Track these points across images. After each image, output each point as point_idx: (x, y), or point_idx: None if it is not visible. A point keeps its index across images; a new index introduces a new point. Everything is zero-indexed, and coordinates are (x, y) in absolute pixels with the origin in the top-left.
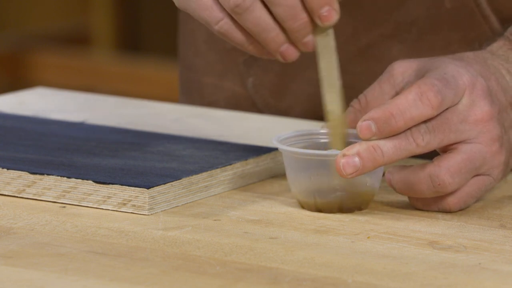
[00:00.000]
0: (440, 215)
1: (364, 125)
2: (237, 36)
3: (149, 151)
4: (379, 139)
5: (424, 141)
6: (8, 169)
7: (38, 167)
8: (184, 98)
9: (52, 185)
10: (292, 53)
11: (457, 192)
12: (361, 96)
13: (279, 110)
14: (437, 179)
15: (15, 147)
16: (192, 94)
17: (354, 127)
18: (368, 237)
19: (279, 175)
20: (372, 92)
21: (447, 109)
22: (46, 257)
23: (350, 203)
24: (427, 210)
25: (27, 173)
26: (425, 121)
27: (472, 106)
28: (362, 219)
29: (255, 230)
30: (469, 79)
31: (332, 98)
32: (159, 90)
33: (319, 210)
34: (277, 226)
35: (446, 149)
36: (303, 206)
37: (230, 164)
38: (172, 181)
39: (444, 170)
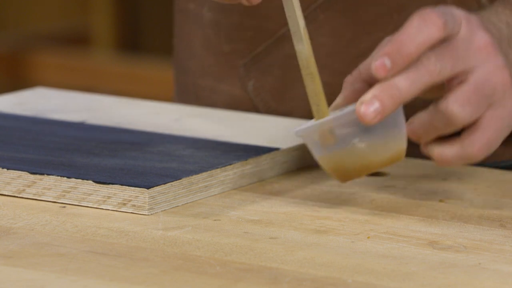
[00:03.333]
0: (440, 215)
1: (378, 63)
2: None
3: (149, 151)
4: (395, 75)
5: (436, 68)
6: (8, 169)
7: (38, 167)
8: (179, 101)
9: (52, 185)
10: None
11: (475, 140)
12: (354, 71)
13: (280, 113)
14: (447, 112)
15: (15, 147)
16: (188, 98)
17: (354, 100)
18: (368, 237)
19: (279, 175)
20: (364, 64)
21: (450, 38)
22: (46, 257)
23: (382, 158)
24: (453, 167)
25: (27, 173)
26: (433, 50)
27: (472, 35)
28: (362, 219)
29: (255, 230)
30: (463, 13)
31: (297, 38)
32: (159, 90)
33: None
34: (277, 226)
35: (455, 83)
36: (348, 177)
37: (230, 164)
38: (172, 181)
39: (452, 102)
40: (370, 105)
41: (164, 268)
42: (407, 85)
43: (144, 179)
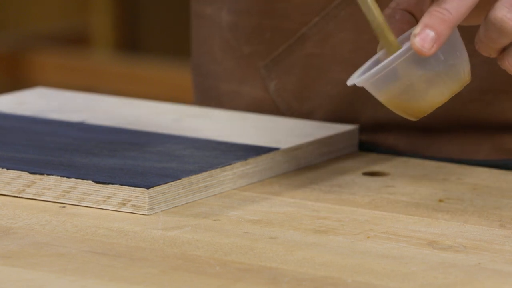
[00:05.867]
0: (440, 215)
1: None
2: None
3: (149, 151)
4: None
5: None
6: (7, 169)
7: (37, 167)
8: (200, 106)
9: (52, 185)
10: None
11: None
12: (390, 3)
13: (302, 113)
14: (496, 20)
15: (15, 147)
16: (209, 102)
17: (398, 30)
18: (368, 237)
19: (279, 175)
20: None
21: None
22: (46, 257)
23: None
24: None
25: (26, 173)
26: None
27: None
28: (362, 219)
29: (255, 230)
30: None
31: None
32: (159, 90)
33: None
34: (276, 226)
35: None
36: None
37: (230, 164)
38: (171, 181)
39: (499, 8)
40: (424, 35)
41: (163, 268)
42: (456, 4)
43: (144, 179)
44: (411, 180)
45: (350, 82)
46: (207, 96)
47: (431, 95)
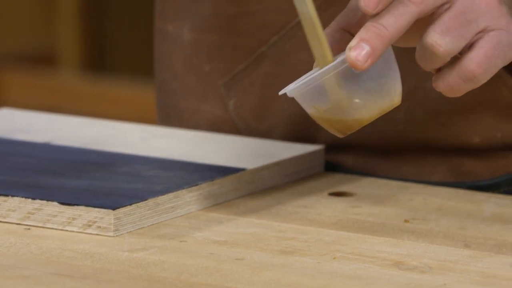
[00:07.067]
0: (405, 236)
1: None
2: None
3: (115, 171)
4: (378, 16)
5: None
6: None
7: (2, 188)
8: (162, 123)
9: (16, 206)
10: None
11: (472, 56)
12: (332, 23)
13: (260, 132)
14: (427, 44)
15: None
16: (170, 119)
17: (335, 50)
18: (334, 258)
19: (245, 195)
20: (342, 15)
21: None
22: (10, 280)
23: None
24: (455, 95)
25: None
26: None
27: None
28: (328, 240)
29: (221, 251)
30: None
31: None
32: (126, 110)
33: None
34: (243, 247)
35: (439, 13)
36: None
37: (196, 185)
38: (137, 202)
39: (431, 33)
40: (359, 49)
41: None
42: (392, 21)
43: (110, 200)
44: (377, 201)
45: (281, 92)
46: (168, 113)
47: (360, 112)
